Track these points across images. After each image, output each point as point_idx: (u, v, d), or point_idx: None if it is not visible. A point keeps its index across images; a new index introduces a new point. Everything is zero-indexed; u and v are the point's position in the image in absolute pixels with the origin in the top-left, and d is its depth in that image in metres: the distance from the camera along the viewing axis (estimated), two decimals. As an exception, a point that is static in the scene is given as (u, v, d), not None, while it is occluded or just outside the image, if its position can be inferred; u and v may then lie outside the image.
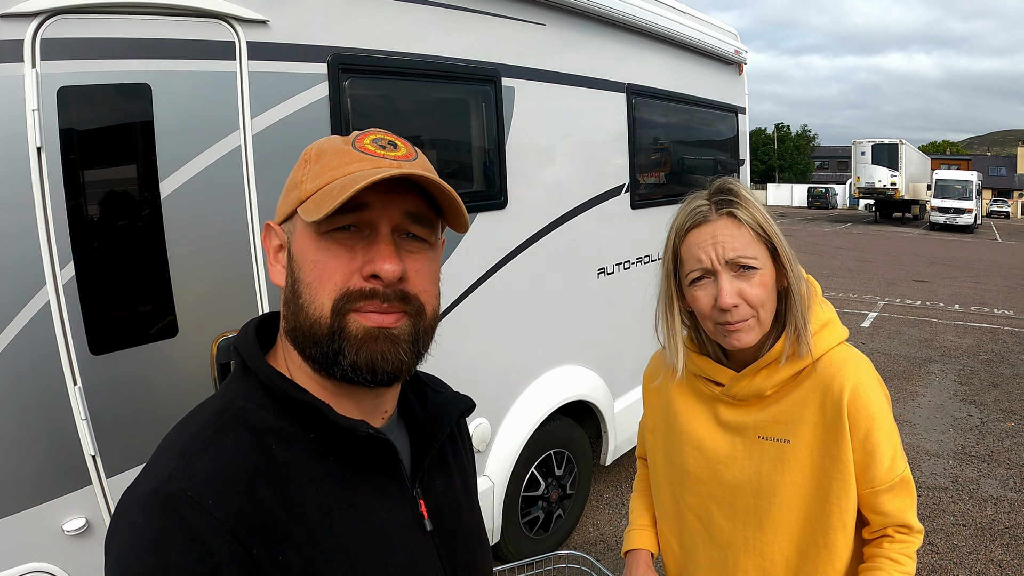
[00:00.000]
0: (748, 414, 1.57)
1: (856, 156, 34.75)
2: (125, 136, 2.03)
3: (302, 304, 0.90)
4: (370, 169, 0.89)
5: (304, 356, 0.93)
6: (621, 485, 5.21)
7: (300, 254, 0.92)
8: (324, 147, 0.94)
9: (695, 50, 5.00)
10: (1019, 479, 5.47)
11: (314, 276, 0.89)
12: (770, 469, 1.53)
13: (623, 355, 4.52)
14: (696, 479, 1.64)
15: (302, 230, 0.92)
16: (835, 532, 1.49)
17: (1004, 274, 17.92)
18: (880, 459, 1.47)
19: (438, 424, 1.07)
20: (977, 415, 6.91)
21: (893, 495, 1.49)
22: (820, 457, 1.49)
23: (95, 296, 1.97)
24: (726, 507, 1.60)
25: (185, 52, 2.09)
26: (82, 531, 1.97)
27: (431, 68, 2.96)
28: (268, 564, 0.82)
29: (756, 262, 1.43)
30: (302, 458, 0.90)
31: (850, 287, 14.61)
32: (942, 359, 9.03)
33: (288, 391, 0.91)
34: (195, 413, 0.94)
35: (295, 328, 0.92)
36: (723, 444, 1.59)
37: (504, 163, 3.35)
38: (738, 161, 5.95)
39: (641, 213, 4.54)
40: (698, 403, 1.66)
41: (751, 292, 1.44)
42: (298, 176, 0.94)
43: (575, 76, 3.84)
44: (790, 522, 1.52)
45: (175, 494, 0.80)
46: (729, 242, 1.43)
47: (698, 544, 1.67)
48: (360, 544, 0.91)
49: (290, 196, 0.94)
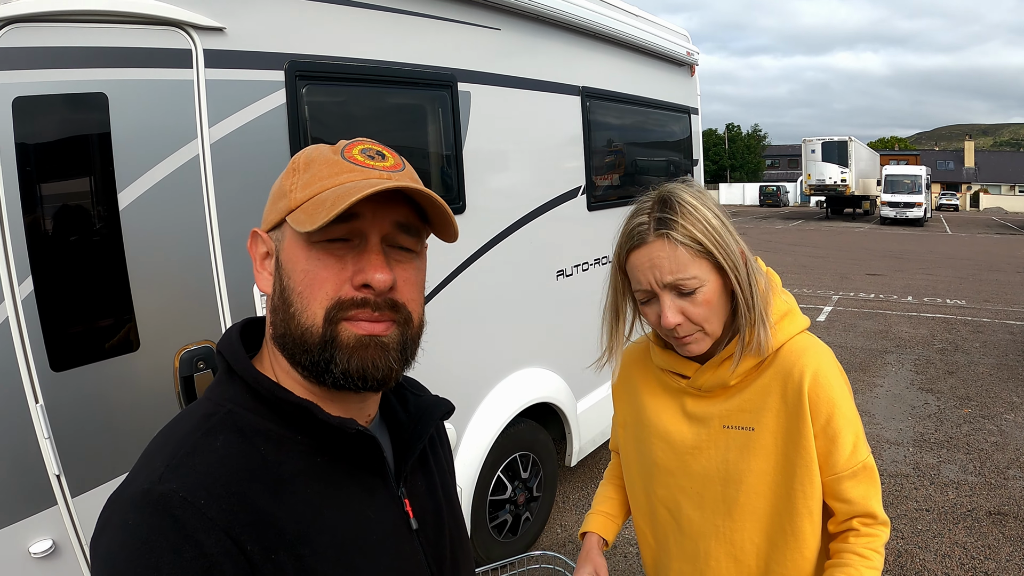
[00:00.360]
0: (713, 404, 1.59)
1: (806, 154, 35.48)
2: (82, 147, 1.99)
3: (293, 312, 0.91)
4: (361, 180, 0.91)
5: (293, 362, 0.93)
6: (587, 486, 5.24)
7: (290, 263, 0.92)
8: (313, 156, 0.95)
9: (648, 52, 5.07)
10: (978, 463, 5.64)
11: (305, 285, 0.90)
12: (736, 457, 1.55)
13: (584, 356, 4.53)
14: (665, 471, 1.66)
15: (291, 239, 0.92)
16: (801, 519, 1.52)
17: (955, 265, 18.46)
18: (842, 445, 1.49)
19: (420, 426, 1.08)
20: (934, 403, 7.11)
21: (856, 482, 1.51)
22: (784, 444, 1.52)
23: (55, 311, 1.92)
24: (695, 497, 1.62)
25: (142, 60, 2.05)
26: (49, 553, 1.91)
27: (387, 74, 2.95)
28: (262, 562, 0.82)
29: (695, 281, 1.44)
30: (292, 459, 0.90)
31: (804, 283, 14.89)
32: (898, 350, 9.27)
33: (276, 393, 0.92)
34: (182, 417, 0.94)
35: (285, 335, 0.92)
36: (689, 435, 1.62)
37: (462, 168, 3.36)
38: (692, 161, 6.03)
39: (598, 215, 4.58)
40: (665, 396, 1.68)
41: (693, 311, 1.46)
42: (287, 185, 0.94)
43: (530, 80, 3.87)
44: (758, 509, 1.55)
45: (167, 494, 0.80)
46: (666, 265, 1.43)
47: (670, 536, 1.69)
48: (351, 543, 0.91)
49: (278, 204, 0.94)
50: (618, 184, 4.97)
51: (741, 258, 1.48)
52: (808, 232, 30.15)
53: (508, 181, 3.82)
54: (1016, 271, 17.27)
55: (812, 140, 35.33)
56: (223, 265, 2.29)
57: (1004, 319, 11.18)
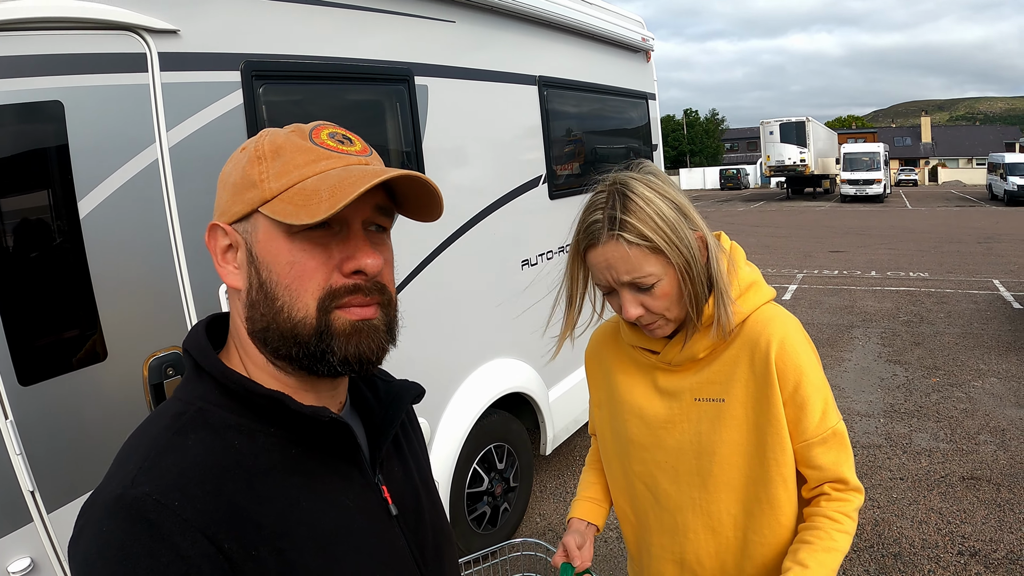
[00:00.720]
0: (684, 378, 1.62)
1: (765, 136, 35.83)
2: (39, 156, 1.95)
3: (281, 306, 0.89)
4: (343, 167, 0.90)
5: (276, 356, 0.92)
6: (563, 473, 5.28)
7: (269, 255, 0.90)
8: (279, 143, 0.92)
9: (603, 40, 5.09)
10: (949, 430, 5.77)
11: (293, 278, 0.89)
12: (709, 429, 1.57)
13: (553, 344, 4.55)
14: (640, 447, 1.68)
15: (268, 231, 0.90)
16: (775, 487, 1.54)
17: (916, 239, 18.81)
18: (810, 412, 1.51)
19: (392, 410, 1.08)
20: (903, 374, 7.25)
21: (826, 448, 1.53)
22: (754, 414, 1.54)
23: (19, 325, 1.89)
24: (670, 471, 1.64)
25: (96, 66, 2.02)
26: (28, 571, 1.88)
27: (344, 70, 2.94)
28: (241, 560, 0.81)
29: (651, 278, 1.45)
30: (265, 452, 0.89)
31: (768, 262, 15.10)
32: (864, 324, 9.43)
33: (246, 386, 0.90)
34: (152, 419, 0.92)
35: (268, 329, 0.91)
36: (662, 410, 1.64)
37: (422, 162, 3.35)
38: (651, 147, 6.08)
39: (560, 203, 4.61)
40: (637, 373, 1.70)
41: (653, 303, 1.48)
42: (254, 174, 0.90)
43: (487, 71, 3.87)
44: (732, 480, 1.57)
45: (140, 498, 0.79)
46: (621, 266, 1.45)
47: (648, 511, 1.71)
48: (330, 533, 0.91)
49: (245, 195, 0.91)
50: (579, 172, 4.99)
51: (699, 244, 1.48)
52: (770, 213, 30.53)
53: (469, 173, 3.82)
54: (976, 241, 17.66)
55: (770, 122, 35.69)
56: (187, 269, 2.26)
57: (967, 289, 11.45)
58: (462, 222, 3.69)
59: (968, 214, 26.40)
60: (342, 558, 0.91)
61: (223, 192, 0.94)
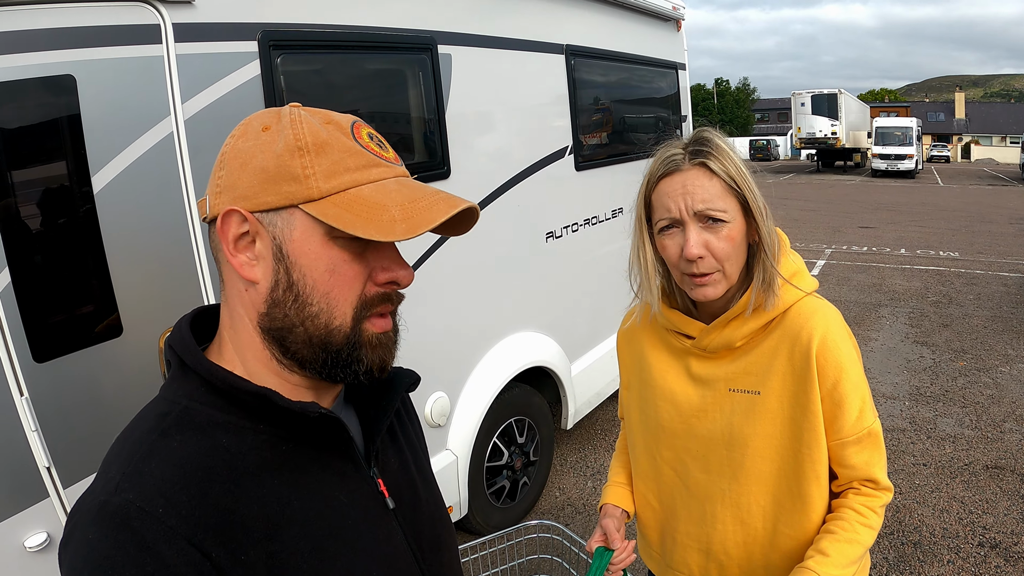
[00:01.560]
0: (719, 366, 1.58)
1: (796, 107, 35.28)
2: (52, 131, 1.93)
3: (316, 312, 0.87)
4: (393, 179, 0.90)
5: (286, 354, 0.89)
6: (583, 448, 5.27)
7: (305, 257, 0.86)
8: (323, 137, 0.86)
9: (633, 8, 4.96)
10: (974, 417, 5.66)
11: (332, 285, 0.87)
12: (742, 421, 1.54)
13: (576, 318, 4.54)
14: (670, 433, 1.65)
15: (307, 230, 0.86)
16: (808, 483, 1.51)
17: (947, 217, 18.48)
18: (848, 410, 1.48)
19: (386, 400, 1.05)
20: (930, 356, 7.13)
21: (860, 448, 1.50)
22: (790, 408, 1.51)
23: (34, 301, 1.88)
24: (700, 460, 1.62)
25: (109, 39, 1.98)
26: (45, 546, 1.90)
27: (365, 39, 2.87)
28: (230, 566, 0.79)
29: (725, 215, 1.43)
30: (255, 450, 0.87)
31: (797, 237, 14.87)
32: (892, 303, 9.29)
33: (232, 383, 0.87)
34: (137, 420, 0.89)
35: (289, 330, 0.88)
36: (695, 397, 1.61)
37: (445, 132, 3.29)
38: (680, 117, 5.96)
39: (586, 174, 4.53)
40: (670, 357, 1.66)
41: (717, 245, 1.44)
42: (296, 167, 0.85)
43: (512, 40, 3.78)
44: (764, 473, 1.54)
45: (123, 506, 0.77)
46: (699, 193, 1.42)
47: (676, 498, 1.69)
48: (323, 531, 0.89)
49: (283, 187, 0.85)
50: (606, 143, 4.91)
51: (764, 209, 1.47)
52: (799, 186, 30.09)
53: (493, 144, 3.76)
54: (1009, 222, 17.28)
55: (802, 93, 35.10)
56: (203, 244, 2.24)
57: (998, 271, 11.21)
58: (487, 193, 3.64)
59: (1001, 193, 25.82)
60: (336, 557, 0.89)
61: (242, 174, 0.86)
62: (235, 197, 0.87)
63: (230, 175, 0.87)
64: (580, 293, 4.54)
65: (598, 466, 4.97)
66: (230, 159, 0.88)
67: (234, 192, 0.87)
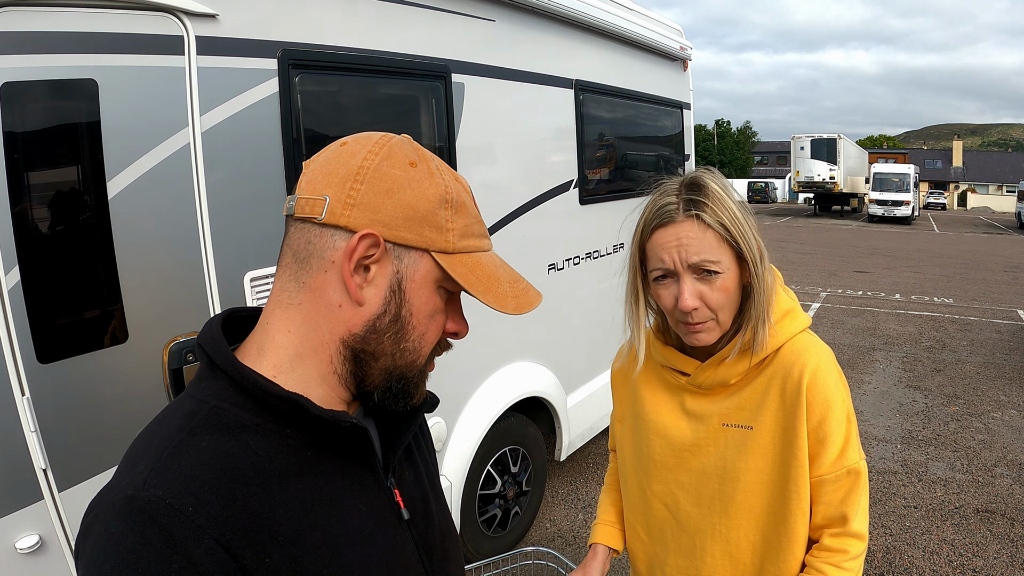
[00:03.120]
0: (713, 402, 1.58)
1: (795, 151, 35.54)
2: (71, 134, 1.94)
3: (407, 348, 0.96)
4: (491, 253, 1.02)
5: (362, 374, 0.95)
6: (575, 480, 5.24)
7: (418, 298, 0.94)
8: (461, 199, 0.96)
9: (641, 46, 5.04)
10: (966, 461, 5.67)
11: (427, 328, 0.97)
12: (734, 455, 1.55)
13: (575, 350, 4.54)
14: (662, 467, 1.65)
15: (427, 274, 0.94)
16: (795, 519, 1.51)
17: (942, 263, 18.57)
18: (829, 448, 1.48)
19: (410, 417, 1.06)
20: (922, 400, 7.14)
21: (837, 486, 1.50)
22: (780, 443, 1.51)
23: (42, 302, 1.88)
24: (692, 493, 1.61)
25: (132, 47, 2.01)
26: (36, 548, 1.88)
27: (381, 63, 2.91)
28: (255, 567, 0.79)
29: (719, 266, 1.44)
30: (282, 454, 0.87)
31: (792, 279, 14.94)
32: (885, 347, 9.31)
33: (263, 386, 0.87)
34: (164, 416, 0.89)
35: (377, 357, 0.94)
36: (688, 432, 1.61)
37: (455, 160, 3.33)
38: (683, 156, 6.02)
39: (590, 208, 4.57)
40: (665, 393, 1.67)
41: (711, 296, 1.45)
42: (441, 218, 0.92)
43: (524, 72, 3.84)
44: (754, 508, 1.54)
45: (153, 501, 0.76)
46: (693, 246, 1.43)
47: (666, 531, 1.68)
48: (343, 537, 0.89)
49: (424, 232, 0.91)
50: (610, 178, 4.95)
51: (759, 253, 1.47)
52: (796, 229, 30.27)
53: (501, 174, 3.79)
54: (1003, 270, 17.38)
55: (801, 137, 35.41)
56: (213, 254, 2.25)
57: (991, 318, 11.26)
58: (492, 222, 3.66)
59: (995, 241, 26.01)
60: (354, 564, 0.90)
61: (388, 200, 0.89)
62: (374, 220, 0.88)
63: (373, 196, 0.88)
64: (579, 326, 4.55)
65: (589, 499, 4.94)
66: (373, 179, 0.89)
67: (375, 215, 0.88)
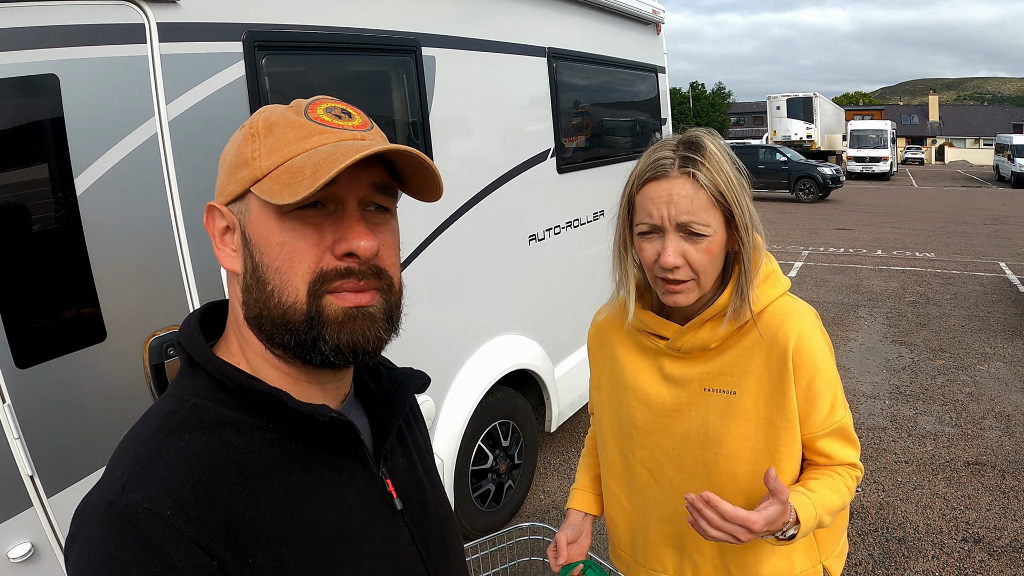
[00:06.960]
0: (693, 367, 1.58)
1: (771, 111, 35.44)
2: (35, 132, 1.88)
3: (271, 291, 0.85)
4: (335, 143, 0.84)
5: (272, 344, 0.87)
6: (567, 450, 5.27)
7: (260, 237, 0.85)
8: (274, 119, 0.87)
9: (613, 11, 4.98)
10: (954, 414, 5.74)
11: (283, 260, 0.84)
12: (717, 420, 1.54)
13: (559, 320, 4.53)
14: (644, 432, 1.65)
15: (260, 211, 0.85)
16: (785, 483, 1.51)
17: (922, 218, 18.72)
18: (819, 407, 1.50)
19: (397, 401, 1.03)
20: (908, 355, 7.21)
21: (830, 439, 1.54)
22: (766, 408, 1.51)
23: (16, 306, 1.83)
24: (675, 459, 1.61)
25: (92, 38, 1.94)
26: (29, 556, 1.85)
27: (349, 40, 2.85)
28: (237, 569, 0.78)
29: (707, 229, 1.41)
30: (263, 450, 0.85)
31: (774, 238, 14.98)
32: (869, 303, 9.39)
33: (242, 382, 0.86)
34: (145, 418, 0.88)
35: (261, 315, 0.86)
36: (668, 397, 1.60)
37: (429, 134, 3.28)
38: (660, 120, 5.98)
39: (568, 177, 4.54)
40: (642, 357, 1.66)
41: (695, 256, 1.43)
42: (247, 152, 0.86)
43: (496, 42, 3.78)
44: (737, 473, 1.54)
45: (131, 506, 0.75)
46: (683, 204, 1.40)
47: (648, 497, 1.68)
48: (331, 533, 0.87)
49: (239, 174, 0.86)
50: (587, 146, 4.92)
51: (750, 220, 1.46)
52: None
53: (476, 146, 3.75)
54: (983, 223, 17.55)
55: (777, 97, 35.30)
56: (188, 246, 2.21)
57: (973, 271, 11.38)
58: (469, 196, 3.62)
59: (975, 195, 26.25)
60: (344, 559, 0.88)
61: (221, 171, 0.90)
62: (218, 195, 0.90)
63: (218, 176, 0.91)
64: (563, 295, 4.54)
65: (582, 469, 4.95)
66: (219, 162, 0.91)
67: (216, 190, 0.91)
